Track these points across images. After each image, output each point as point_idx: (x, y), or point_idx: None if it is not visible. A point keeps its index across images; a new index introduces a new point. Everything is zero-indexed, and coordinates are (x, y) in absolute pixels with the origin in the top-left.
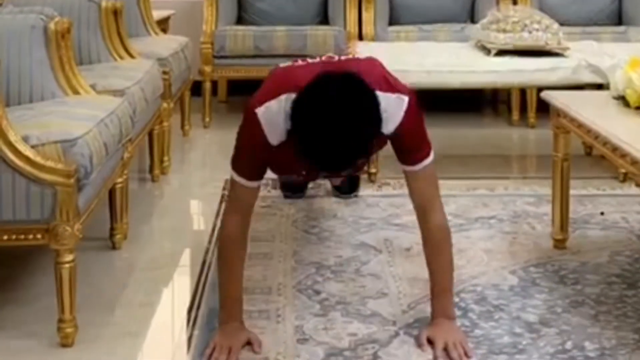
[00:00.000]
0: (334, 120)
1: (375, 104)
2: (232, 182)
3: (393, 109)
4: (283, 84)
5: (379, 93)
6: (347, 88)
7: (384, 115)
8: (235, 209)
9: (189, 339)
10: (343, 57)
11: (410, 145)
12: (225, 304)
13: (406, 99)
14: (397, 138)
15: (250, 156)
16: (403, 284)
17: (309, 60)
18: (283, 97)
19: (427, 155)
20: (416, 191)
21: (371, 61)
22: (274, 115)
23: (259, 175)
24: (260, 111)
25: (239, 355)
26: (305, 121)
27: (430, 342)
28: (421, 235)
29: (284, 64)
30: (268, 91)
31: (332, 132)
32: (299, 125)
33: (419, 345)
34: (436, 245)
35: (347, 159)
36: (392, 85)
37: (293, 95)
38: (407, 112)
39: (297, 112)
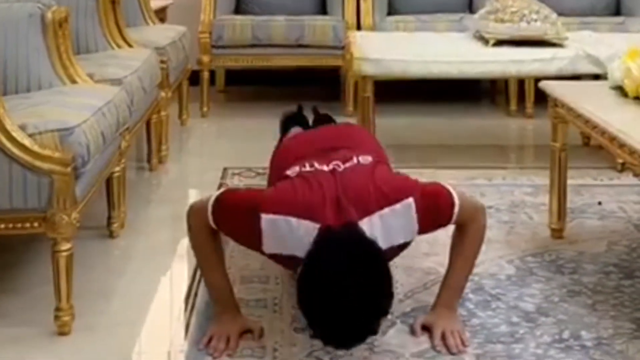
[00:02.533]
0: (342, 304)
1: (386, 277)
2: (204, 212)
3: (404, 218)
4: (298, 207)
5: (385, 210)
6: (353, 264)
7: (397, 228)
8: (202, 220)
9: (187, 327)
10: (348, 165)
11: (437, 225)
12: (216, 297)
13: (411, 200)
14: (423, 232)
15: (239, 235)
16: (400, 273)
17: (317, 167)
18: (293, 220)
19: (453, 207)
20: (459, 223)
21: (371, 167)
22: (279, 232)
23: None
24: (265, 219)
25: (237, 343)
26: (311, 302)
27: (428, 330)
28: (455, 228)
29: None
30: (281, 204)
31: (340, 315)
32: (305, 305)
33: (413, 332)
34: (467, 247)
35: (357, 338)
36: (395, 193)
37: (305, 223)
38: (418, 212)
39: (301, 290)
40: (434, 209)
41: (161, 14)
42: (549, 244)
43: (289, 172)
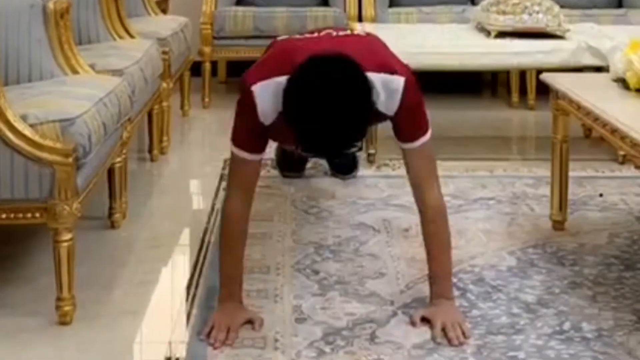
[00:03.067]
0: (324, 108)
1: (366, 88)
2: (233, 157)
3: (390, 90)
4: (282, 63)
5: (375, 74)
6: (338, 73)
7: (382, 96)
8: (237, 185)
9: (188, 317)
10: (342, 33)
11: (408, 123)
12: (225, 283)
13: (403, 79)
14: (395, 117)
15: (249, 129)
16: (401, 264)
17: (308, 36)
18: (282, 79)
19: (425, 133)
20: (413, 169)
21: (370, 39)
22: (270, 96)
23: (260, 148)
24: (256, 89)
25: (237, 333)
26: (295, 109)
27: (428, 322)
28: (419, 214)
29: (283, 37)
30: (266, 68)
31: (322, 120)
32: (290, 113)
33: (412, 323)
34: (432, 224)
35: (339, 145)
36: (389, 65)
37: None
38: (404, 92)
39: (287, 99)
40: (415, 107)
41: (163, 5)
42: (550, 236)
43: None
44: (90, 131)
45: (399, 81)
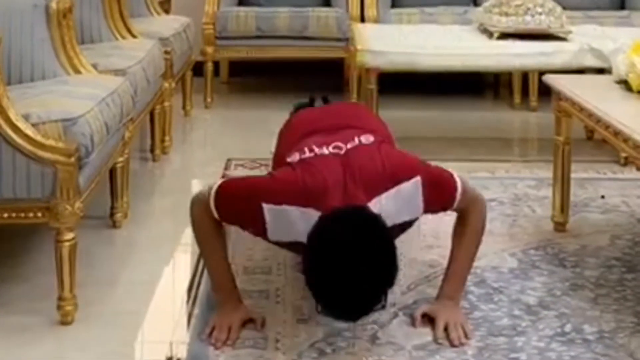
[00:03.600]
0: (348, 275)
1: (390, 249)
2: (207, 202)
3: (409, 198)
4: (300, 196)
5: (391, 191)
6: (359, 240)
7: (403, 207)
8: (204, 208)
9: (189, 317)
10: (350, 146)
11: (440, 204)
12: (218, 286)
13: (418, 179)
14: (427, 211)
15: (242, 221)
16: (403, 265)
17: (317, 151)
18: (292, 208)
19: (455, 188)
20: (459, 210)
21: (378, 147)
22: (281, 221)
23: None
24: (267, 209)
25: (239, 334)
26: (316, 278)
27: (430, 320)
28: (457, 218)
29: (293, 156)
30: (281, 194)
31: (346, 287)
32: (311, 281)
33: (413, 319)
34: (468, 236)
35: (363, 310)
36: (401, 173)
37: (307, 211)
38: (424, 191)
39: (308, 266)
40: (439, 189)
41: (165, 5)
42: (552, 237)
43: (289, 159)
44: (92, 131)
45: (414, 184)
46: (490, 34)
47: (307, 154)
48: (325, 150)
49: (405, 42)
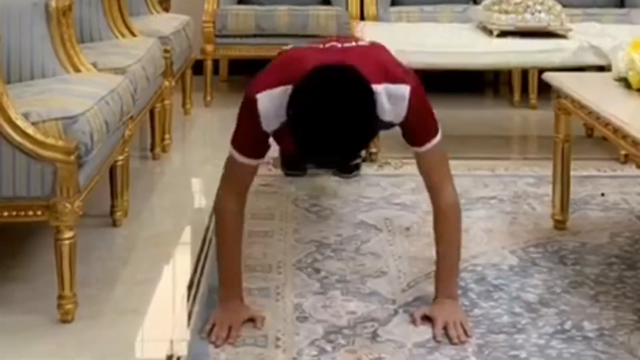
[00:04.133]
0: (328, 119)
1: (370, 99)
2: (231, 160)
3: (396, 99)
4: (287, 72)
5: (380, 85)
6: (342, 84)
7: (388, 106)
8: (231, 187)
9: (189, 315)
10: (347, 44)
11: (417, 128)
12: (225, 281)
13: (408, 87)
14: (404, 123)
15: (250, 135)
16: (403, 262)
17: (314, 46)
18: (286, 87)
19: (435, 135)
20: (426, 171)
21: (374, 49)
22: (274, 105)
23: (260, 154)
24: (260, 97)
25: (239, 332)
26: (299, 119)
27: (430, 320)
28: (433, 214)
29: (289, 46)
30: (272, 77)
31: (325, 130)
32: (294, 123)
33: (413, 321)
34: (444, 223)
35: (342, 155)
36: (393, 74)
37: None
38: (410, 99)
39: (291, 109)
40: (423, 112)
41: (165, 4)
42: (552, 235)
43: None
44: (92, 129)
45: (404, 89)
46: (489, 32)
47: (302, 46)
48: (320, 45)
49: (404, 41)
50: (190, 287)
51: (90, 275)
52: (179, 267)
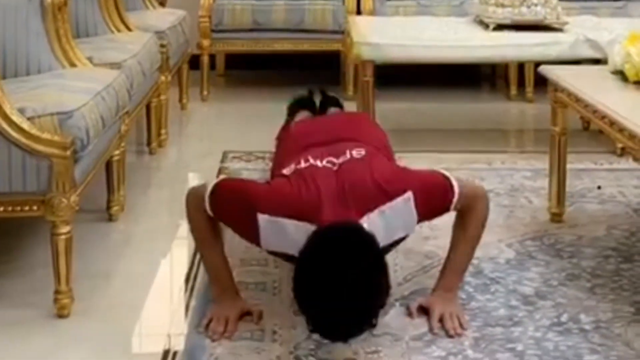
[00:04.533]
0: (337, 298)
1: (381, 267)
2: (202, 198)
3: (405, 213)
4: (293, 208)
5: (383, 207)
6: (350, 258)
7: (397, 223)
8: (199, 203)
9: (186, 309)
10: (341, 159)
11: (436, 214)
12: (214, 278)
13: (410, 194)
14: (423, 220)
15: (238, 231)
16: (399, 256)
17: (312, 162)
18: (288, 222)
19: (452, 196)
20: (461, 208)
21: (370, 158)
22: (275, 232)
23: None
24: (262, 219)
25: (236, 326)
26: (307, 296)
27: (426, 312)
28: (459, 211)
29: (289, 167)
30: (275, 202)
31: (336, 310)
32: (302, 299)
33: (409, 312)
34: (470, 229)
35: (353, 332)
36: (392, 188)
37: (302, 225)
38: (417, 205)
39: (298, 283)
40: (433, 200)
41: None
42: (549, 228)
43: (285, 171)
44: (88, 124)
45: (408, 200)
46: (486, 26)
47: (302, 165)
48: (319, 163)
49: (401, 34)
50: (186, 281)
51: (86, 269)
52: (176, 261)
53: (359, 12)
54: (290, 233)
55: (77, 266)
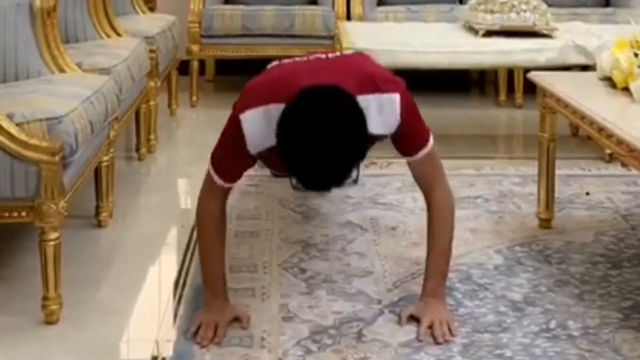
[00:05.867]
0: (319, 145)
1: (361, 122)
2: (209, 178)
3: (386, 110)
4: (272, 91)
5: (368, 96)
6: (331, 107)
7: (378, 118)
8: (211, 194)
9: (175, 316)
10: (331, 55)
11: (409, 138)
12: (209, 283)
13: (397, 95)
14: (395, 134)
15: (232, 158)
16: (388, 262)
17: (298, 60)
18: (272, 107)
19: (427, 141)
20: (419, 176)
21: (358, 59)
22: (260, 124)
23: (238, 176)
24: (245, 117)
25: (225, 332)
26: (289, 146)
27: (416, 320)
28: (427, 213)
29: (275, 63)
30: (256, 95)
31: (317, 158)
32: (284, 150)
33: (398, 321)
34: (436, 222)
35: (335, 181)
36: (380, 84)
37: (281, 107)
38: (401, 108)
39: (281, 136)
40: (414, 119)
41: (150, 3)
42: (537, 234)
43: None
44: (77, 130)
45: (393, 99)
46: (475, 32)
47: (285, 61)
48: (304, 59)
49: (391, 40)
50: (175, 287)
51: (75, 276)
52: (165, 267)
53: (348, 18)
54: (272, 119)
55: (65, 272)
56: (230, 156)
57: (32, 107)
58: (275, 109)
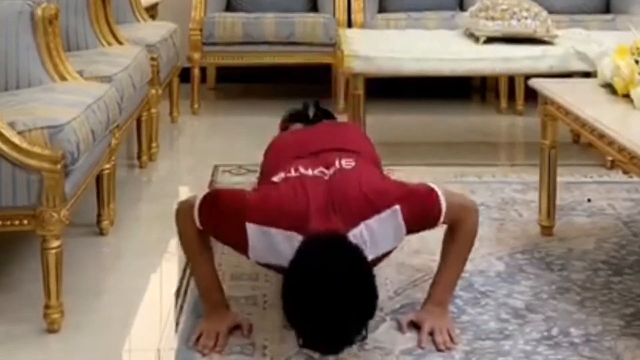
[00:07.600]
0: (327, 310)
1: (369, 281)
2: (192, 208)
3: (392, 225)
4: (280, 216)
5: (369, 220)
6: (337, 269)
7: (385, 235)
8: (189, 217)
9: (176, 324)
10: (332, 171)
11: (424, 228)
12: (206, 296)
13: (397, 207)
14: (410, 232)
15: (227, 241)
16: (390, 270)
17: (302, 171)
18: (277, 232)
19: (440, 209)
20: (450, 223)
21: (360, 170)
22: (265, 243)
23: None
24: (250, 229)
25: (226, 340)
26: (296, 310)
27: (416, 326)
28: (448, 226)
29: (278, 175)
30: (264, 210)
31: (325, 320)
32: (291, 313)
33: (400, 327)
34: (459, 244)
35: (343, 342)
36: (379, 201)
37: (289, 234)
38: (405, 218)
39: (287, 296)
40: (421, 214)
41: (152, 11)
42: (539, 241)
43: (275, 179)
44: (78, 138)
45: (395, 212)
46: (476, 39)
47: (293, 174)
48: (310, 172)
49: (392, 47)
50: (177, 296)
51: (76, 284)
52: (166, 276)
53: (349, 25)
54: (278, 243)
55: (67, 281)
56: (225, 239)
57: (33, 116)
58: (283, 235)
